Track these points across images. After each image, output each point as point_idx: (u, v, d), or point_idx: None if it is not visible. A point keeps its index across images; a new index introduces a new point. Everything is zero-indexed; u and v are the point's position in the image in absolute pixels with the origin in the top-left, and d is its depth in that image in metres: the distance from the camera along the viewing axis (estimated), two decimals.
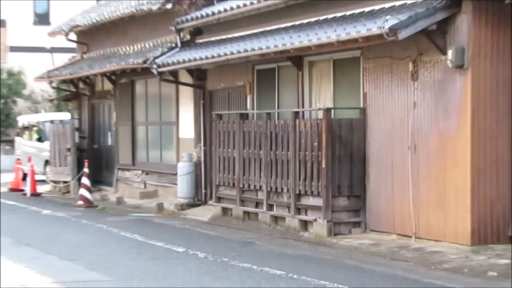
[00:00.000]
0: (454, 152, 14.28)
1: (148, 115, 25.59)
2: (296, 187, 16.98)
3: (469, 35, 14.03)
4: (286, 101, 18.97)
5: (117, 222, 20.10)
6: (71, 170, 26.91)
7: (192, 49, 21.80)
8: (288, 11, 18.50)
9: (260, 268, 12.84)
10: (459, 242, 14.05)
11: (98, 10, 29.76)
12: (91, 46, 28.97)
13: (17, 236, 17.13)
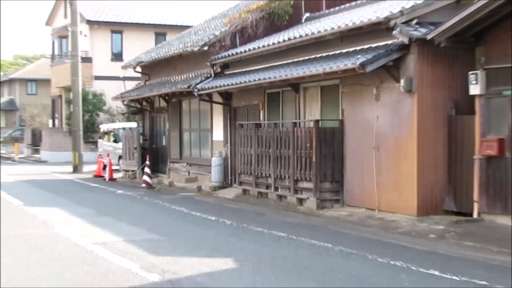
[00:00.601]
0: (405, 151, 14.98)
1: (191, 124, 25.86)
2: (294, 175, 17.75)
3: (415, 69, 14.67)
4: (287, 115, 19.48)
5: (169, 199, 20.65)
6: (137, 162, 27.24)
7: (222, 78, 22.39)
8: (289, 51, 19.15)
9: (269, 231, 13.76)
10: (408, 213, 14.76)
11: (157, 51, 30.30)
12: (151, 75, 29.33)
13: (98, 208, 17.92)
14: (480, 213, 13.91)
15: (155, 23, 44.32)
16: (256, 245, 12.27)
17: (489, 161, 13.72)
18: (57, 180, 28.00)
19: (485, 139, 13.71)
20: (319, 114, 18.16)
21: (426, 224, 13.87)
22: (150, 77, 29.30)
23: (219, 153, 22.85)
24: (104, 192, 23.17)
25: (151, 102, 28.36)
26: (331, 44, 17.40)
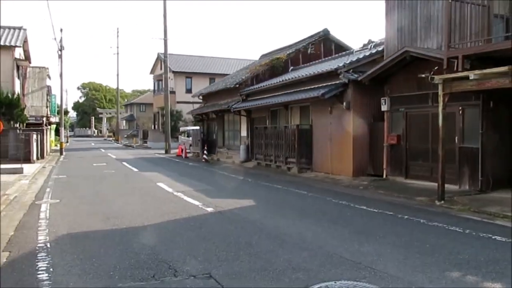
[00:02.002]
0: (346, 141, 15.03)
1: (228, 127, 26.02)
2: (285, 154, 17.72)
3: (351, 97, 14.82)
4: (281, 122, 19.19)
5: (217, 167, 20.43)
6: (199, 147, 27.42)
7: (246, 102, 21.91)
8: (282, 87, 19.02)
9: (272, 185, 13.86)
10: (347, 175, 14.81)
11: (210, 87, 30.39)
12: (207, 100, 29.24)
13: (179, 172, 17.80)
14: (387, 175, 13.98)
15: (209, 72, 44.77)
16: (265, 193, 12.35)
17: (392, 147, 13.83)
18: (156, 157, 28.19)
19: (390, 135, 13.88)
20: (298, 121, 17.85)
21: (357, 181, 13.86)
22: (207, 101, 29.45)
23: (244, 143, 22.72)
24: (182, 164, 22.94)
25: (207, 115, 28.49)
26: (305, 83, 17.39)
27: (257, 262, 5.61)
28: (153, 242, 6.64)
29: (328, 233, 7.27)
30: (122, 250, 6.17)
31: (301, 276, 5.06)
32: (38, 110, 30.94)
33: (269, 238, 6.85)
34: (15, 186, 13.21)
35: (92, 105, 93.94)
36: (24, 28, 28.04)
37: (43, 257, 5.88)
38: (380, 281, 4.90)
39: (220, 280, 4.92)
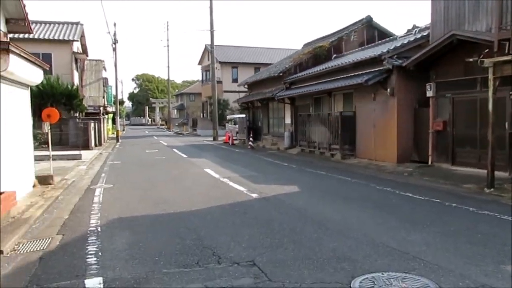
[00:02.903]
0: (390, 127, 14.37)
1: (273, 115, 25.77)
2: (329, 141, 17.19)
3: (395, 83, 14.05)
4: (325, 109, 18.92)
5: (262, 154, 20.16)
6: (245, 135, 27.32)
7: (289, 90, 21.49)
8: (325, 75, 18.43)
9: (315, 171, 13.51)
10: (391, 162, 14.17)
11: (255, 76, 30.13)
12: (252, 89, 29.08)
13: (225, 158, 17.68)
14: (432, 162, 13.32)
15: (254, 62, 44.41)
16: (309, 178, 11.99)
17: (437, 133, 13.18)
18: (204, 144, 28.31)
19: (435, 121, 13.22)
20: (342, 108, 17.32)
21: (401, 168, 13.24)
22: (252, 90, 29.18)
23: (288, 130, 22.27)
24: (228, 150, 22.90)
25: (253, 103, 28.22)
26: (348, 70, 16.77)
27: (301, 250, 5.31)
28: (198, 227, 6.48)
29: (373, 220, 6.85)
30: (169, 235, 6.04)
31: (346, 266, 4.71)
32: (95, 100, 31.80)
33: (313, 225, 6.53)
34: (74, 172, 13.52)
35: (145, 95, 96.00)
36: (81, 23, 28.75)
37: (94, 241, 5.83)
38: (430, 273, 4.47)
39: (264, 268, 4.66)
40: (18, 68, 8.11)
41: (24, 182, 9.54)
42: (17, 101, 9.17)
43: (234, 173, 12.94)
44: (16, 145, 9.02)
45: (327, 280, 4.34)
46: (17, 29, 10.84)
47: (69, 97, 23.98)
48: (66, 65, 26.49)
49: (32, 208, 7.89)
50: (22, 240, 5.97)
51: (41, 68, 10.02)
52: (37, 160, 13.51)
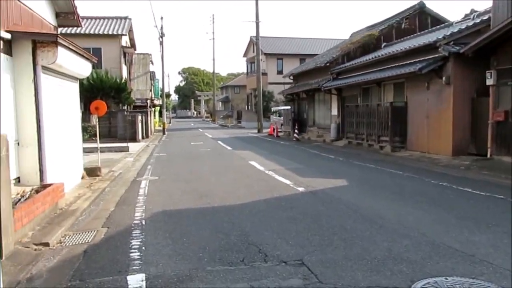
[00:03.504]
0: (445, 118, 13.66)
1: (319, 106, 25.19)
2: (378, 132, 16.61)
3: (452, 70, 13.31)
4: (373, 99, 18.27)
5: (307, 146, 19.80)
6: (290, 127, 26.89)
7: (336, 81, 20.96)
8: (374, 64, 17.83)
9: (364, 164, 13.06)
10: (446, 154, 13.48)
11: (301, 67, 29.61)
12: (298, 80, 28.62)
13: (270, 151, 17.43)
14: (492, 154, 12.43)
15: (299, 53, 43.81)
16: (358, 171, 11.54)
17: (498, 124, 12.23)
18: (249, 136, 28.20)
19: (496, 111, 12.29)
20: (392, 98, 16.60)
21: (457, 161, 12.51)
22: (297, 81, 28.72)
23: (334, 121, 21.81)
24: (273, 142, 22.72)
25: (298, 95, 27.79)
26: (399, 58, 16.09)
27: (353, 249, 4.94)
28: (243, 222, 6.23)
29: (431, 218, 6.34)
30: (213, 230, 5.83)
31: (404, 269, 4.31)
32: (143, 93, 32.40)
33: (365, 221, 6.12)
34: (121, 164, 13.70)
35: (191, 88, 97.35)
36: (129, 18, 29.26)
37: (137, 234, 5.72)
38: (501, 279, 3.99)
39: (313, 268, 4.34)
40: (66, 61, 8.17)
41: (73, 174, 9.69)
42: (66, 94, 9.29)
43: (279, 165, 12.63)
44: (66, 137, 9.15)
45: (383, 283, 3.95)
46: (66, 23, 10.99)
47: (117, 90, 24.49)
48: (115, 59, 27.06)
49: (79, 200, 7.95)
50: (68, 232, 5.96)
51: (89, 61, 10.11)
52: (86, 152, 13.85)
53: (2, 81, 6.83)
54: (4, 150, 4.83)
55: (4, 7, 7.03)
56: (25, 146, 7.42)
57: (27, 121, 7.39)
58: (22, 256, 4.91)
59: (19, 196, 6.41)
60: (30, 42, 7.27)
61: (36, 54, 7.33)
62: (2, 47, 6.87)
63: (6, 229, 4.80)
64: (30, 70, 7.33)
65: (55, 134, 8.24)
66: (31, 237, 5.54)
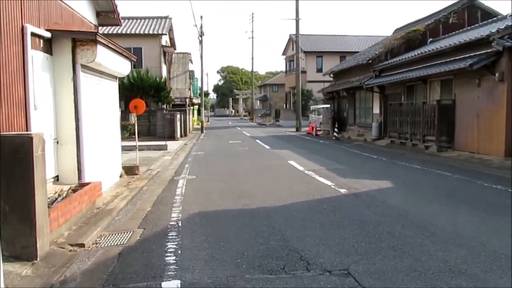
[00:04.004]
0: (497, 117, 12.86)
1: (360, 104, 24.49)
2: (423, 132, 15.85)
3: (506, 66, 12.50)
4: (418, 97, 17.51)
5: (347, 145, 19.19)
6: (330, 125, 26.38)
7: (379, 78, 20.28)
8: (419, 61, 17.07)
9: (409, 165, 12.42)
10: (498, 155, 12.64)
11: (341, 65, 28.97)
12: (338, 78, 28.11)
13: (309, 150, 16.93)
14: None
15: (339, 50, 42.88)
16: (403, 172, 10.98)
17: None
18: (287, 135, 27.79)
19: None
20: (439, 96, 15.84)
21: (510, 162, 11.64)
22: (338, 79, 28.11)
23: (376, 120, 21.11)
24: (312, 142, 22.23)
25: (338, 93, 27.17)
26: (447, 54, 15.29)
27: (404, 258, 4.53)
28: (283, 226, 5.92)
29: (489, 225, 5.80)
30: (251, 234, 5.55)
31: (464, 283, 3.87)
32: (182, 92, 32.63)
33: (415, 228, 5.66)
34: (159, 162, 13.68)
35: (229, 87, 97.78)
36: (170, 17, 29.52)
37: (173, 237, 5.51)
38: None
39: (360, 280, 3.98)
40: (105, 59, 8.11)
41: (112, 172, 9.68)
42: (105, 92, 9.27)
43: (319, 165, 12.22)
44: (105, 136, 9.13)
45: None
46: (107, 22, 11.00)
47: (157, 89, 24.72)
48: (155, 58, 27.36)
49: (116, 199, 7.88)
50: (104, 233, 5.85)
51: (128, 59, 10.07)
52: (126, 150, 13.97)
53: (43, 80, 6.83)
54: (40, 149, 4.73)
55: (44, 6, 7.03)
56: (64, 144, 7.42)
57: (66, 120, 7.37)
58: (57, 257, 4.81)
59: (56, 195, 6.38)
60: (69, 40, 7.24)
61: (75, 52, 7.30)
62: (42, 45, 6.88)
63: (41, 229, 4.71)
64: (70, 68, 7.30)
65: (93, 133, 8.22)
66: (67, 238, 5.45)
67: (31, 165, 4.56)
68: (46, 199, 4.95)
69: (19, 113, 6.05)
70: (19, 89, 6.06)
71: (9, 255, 4.57)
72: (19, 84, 6.05)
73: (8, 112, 5.72)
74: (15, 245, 4.60)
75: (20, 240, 4.61)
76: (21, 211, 4.58)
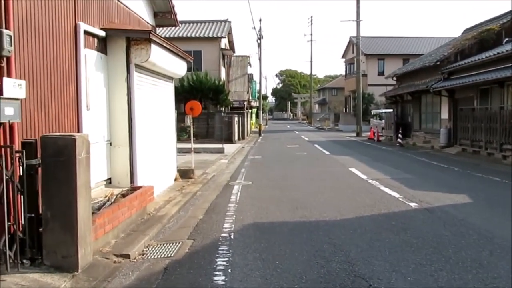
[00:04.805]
0: None
1: (426, 109, 22.97)
2: (500, 140, 14.26)
3: None
4: (494, 102, 15.94)
5: (413, 152, 17.77)
6: (393, 131, 25.01)
7: (448, 81, 18.77)
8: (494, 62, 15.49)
9: (486, 176, 11.19)
10: None
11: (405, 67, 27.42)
12: (402, 81, 26.75)
13: (372, 157, 15.94)
14: None
15: (402, 53, 41.00)
16: (480, 185, 9.75)
17: None
18: (347, 140, 26.72)
19: None
20: None
21: None
22: (401, 82, 26.66)
23: (445, 126, 19.54)
24: (374, 148, 21.04)
25: (402, 96, 25.71)
26: None
27: None
28: (347, 244, 5.21)
29: None
30: (310, 253, 4.90)
31: None
32: (240, 95, 32.47)
33: (506, 255, 4.74)
34: (215, 165, 13.33)
35: (288, 90, 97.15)
36: (229, 20, 29.47)
37: (224, 252, 4.98)
38: None
39: None
40: (160, 59, 7.80)
41: (166, 175, 9.39)
42: (160, 93, 8.99)
43: (384, 174, 11.28)
44: (160, 138, 8.85)
45: None
46: (164, 23, 10.81)
47: (216, 91, 24.64)
48: (214, 61, 27.37)
49: (168, 204, 7.51)
50: (152, 242, 5.44)
51: (184, 60, 9.76)
52: (184, 153, 13.80)
53: (96, 80, 6.60)
54: (84, 151, 4.38)
55: (99, 5, 6.80)
56: (117, 146, 7.17)
57: (119, 121, 7.12)
58: (100, 269, 4.43)
59: (106, 199, 6.09)
60: (124, 39, 6.98)
61: (129, 52, 7.03)
62: (96, 44, 6.65)
63: (83, 239, 4.35)
64: (124, 68, 7.04)
65: (147, 135, 7.93)
66: (113, 246, 5.09)
67: (74, 169, 4.21)
68: (89, 206, 4.59)
69: (71, 113, 5.81)
70: (71, 89, 5.83)
71: (50, 265, 4.29)
72: (70, 83, 5.81)
73: (59, 111, 5.48)
74: (56, 254, 4.29)
75: (61, 249, 4.28)
76: (63, 218, 4.26)
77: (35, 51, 4.90)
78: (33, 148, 4.29)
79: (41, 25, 5.04)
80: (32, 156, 4.28)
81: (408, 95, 24.20)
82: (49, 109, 5.24)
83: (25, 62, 4.71)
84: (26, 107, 4.72)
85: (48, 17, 5.21)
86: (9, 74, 4.32)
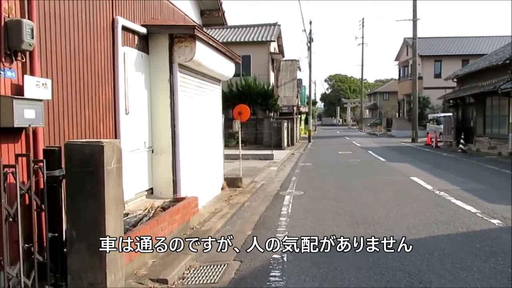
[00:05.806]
0: None
1: (492, 112, 21.06)
2: None
3: None
4: None
5: (479, 159, 15.93)
6: (453, 136, 23.31)
7: None
8: None
9: None
10: None
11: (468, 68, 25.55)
12: (463, 83, 24.94)
13: (433, 164, 14.60)
14: None
15: (461, 54, 38.57)
16: None
17: None
18: (402, 146, 25.28)
19: None
20: None
21: None
22: (462, 84, 24.85)
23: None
24: (434, 154, 19.48)
25: (463, 99, 23.93)
26: None
27: None
28: (425, 273, 4.28)
29: None
30: (381, 283, 4.03)
31: None
32: (289, 100, 31.65)
33: None
34: (264, 173, 12.60)
35: (337, 95, 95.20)
36: (278, 24, 28.80)
37: (276, 279, 4.20)
38: None
39: None
40: (205, 58, 7.17)
41: (212, 185, 8.75)
42: (206, 96, 8.38)
43: (451, 184, 10.07)
44: (205, 145, 8.23)
45: None
46: (211, 22, 10.23)
47: (264, 96, 24.01)
48: (263, 66, 26.77)
49: (214, 217, 6.84)
50: (194, 264, 4.77)
51: (232, 61, 9.13)
52: (232, 159, 13.21)
53: (136, 81, 6.06)
54: (114, 161, 3.74)
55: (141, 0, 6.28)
56: (159, 153, 6.59)
57: (161, 126, 6.54)
58: None
59: (145, 212, 5.49)
60: (166, 37, 6.41)
61: (172, 50, 6.45)
62: (136, 42, 6.11)
63: (113, 262, 3.70)
64: (166, 68, 6.47)
65: (192, 141, 7.31)
66: (149, 268, 4.45)
67: (101, 181, 3.58)
68: (121, 223, 3.95)
69: (107, 117, 5.26)
70: (107, 90, 5.28)
71: None
72: (107, 84, 5.27)
73: (93, 116, 4.92)
74: (82, 280, 3.64)
75: (88, 274, 3.64)
76: (90, 237, 3.62)
77: (64, 47, 4.34)
78: (56, 157, 3.71)
79: (72, 18, 4.48)
80: (55, 166, 3.71)
81: (470, 97, 22.44)
82: (82, 113, 4.69)
83: (52, 58, 4.14)
84: (54, 110, 4.19)
85: (81, 9, 4.64)
86: (32, 71, 3.79)
